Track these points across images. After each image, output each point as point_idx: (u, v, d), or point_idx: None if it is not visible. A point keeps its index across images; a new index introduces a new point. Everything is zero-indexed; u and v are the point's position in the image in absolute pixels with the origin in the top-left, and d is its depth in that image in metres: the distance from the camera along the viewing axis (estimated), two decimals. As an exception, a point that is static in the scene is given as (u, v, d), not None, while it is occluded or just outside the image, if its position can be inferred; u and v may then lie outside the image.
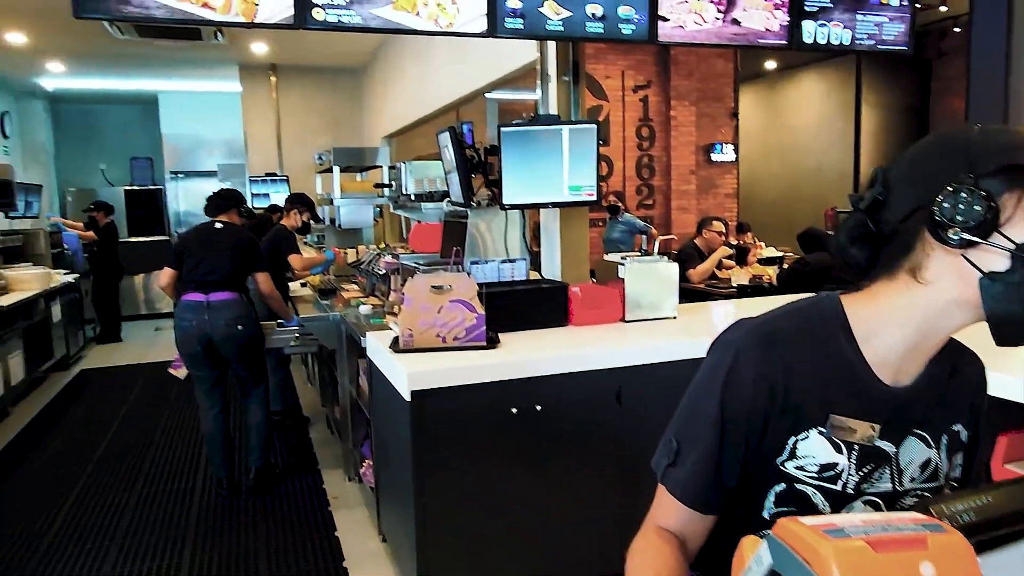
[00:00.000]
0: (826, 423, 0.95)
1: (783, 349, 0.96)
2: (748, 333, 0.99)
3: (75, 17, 2.15)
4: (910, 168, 0.92)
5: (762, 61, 10.94)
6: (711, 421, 0.97)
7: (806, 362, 0.96)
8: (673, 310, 3.16)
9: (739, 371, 0.96)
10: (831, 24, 2.95)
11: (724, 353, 0.98)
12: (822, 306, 1.00)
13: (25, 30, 6.90)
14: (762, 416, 0.95)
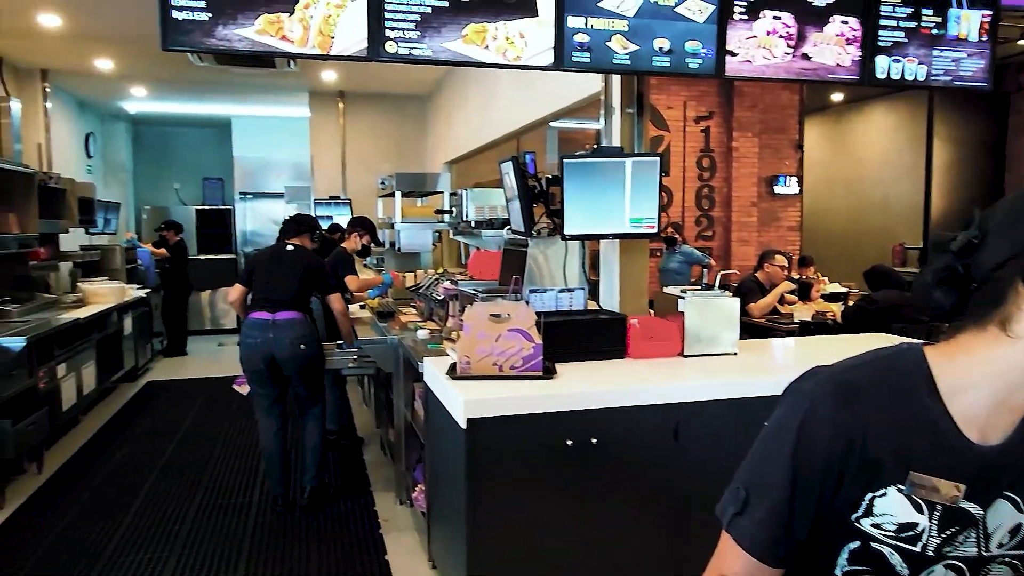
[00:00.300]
0: (906, 481, 0.91)
1: (861, 402, 0.92)
2: (824, 383, 0.95)
3: (163, 50, 2.26)
4: (1006, 215, 0.88)
5: (829, 93, 10.73)
6: (782, 472, 0.93)
7: (885, 416, 0.91)
8: (734, 346, 3.10)
9: (814, 423, 0.92)
10: (905, 60, 2.88)
11: (798, 403, 0.95)
12: (904, 357, 0.94)
13: (113, 57, 7.29)
14: (837, 470, 0.91)
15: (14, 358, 4.17)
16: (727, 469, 1.60)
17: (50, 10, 5.72)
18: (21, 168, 5.84)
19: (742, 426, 2.61)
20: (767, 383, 2.70)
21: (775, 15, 2.72)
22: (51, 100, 8.06)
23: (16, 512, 3.95)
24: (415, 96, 9.59)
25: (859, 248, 10.36)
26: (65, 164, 8.31)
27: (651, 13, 2.61)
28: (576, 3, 2.54)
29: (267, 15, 2.28)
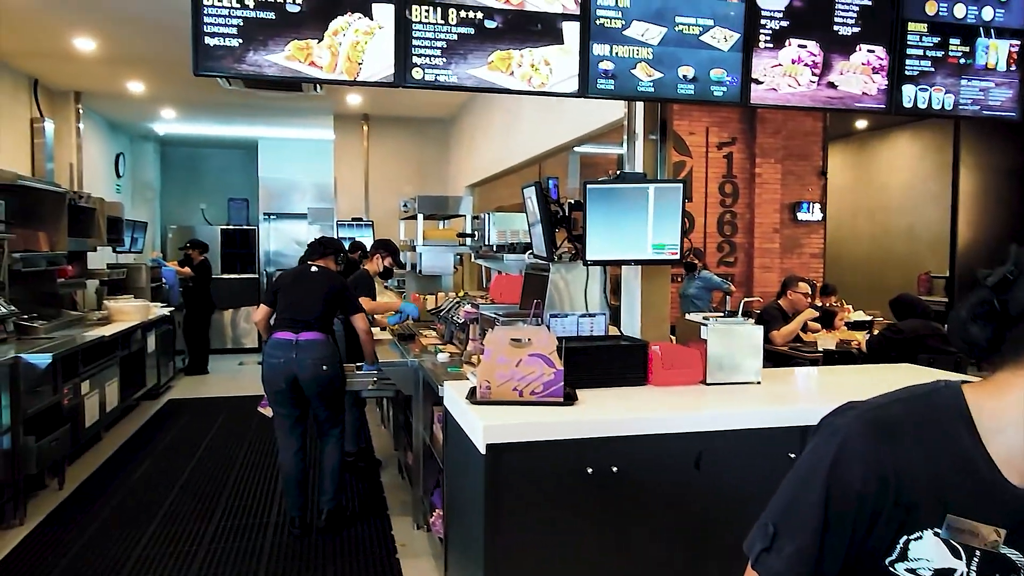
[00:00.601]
0: (943, 524, 0.88)
1: (897, 440, 0.89)
2: (859, 418, 0.92)
3: (194, 74, 2.31)
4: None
5: (853, 120, 10.69)
6: (813, 511, 0.91)
7: (922, 456, 0.89)
8: (757, 375, 3.05)
9: (847, 462, 0.90)
10: (933, 89, 2.86)
11: (830, 440, 0.92)
12: (941, 395, 0.92)
13: (145, 80, 7.46)
14: (870, 510, 0.89)
15: (40, 375, 4.22)
16: (749, 500, 1.58)
17: (85, 34, 5.87)
18: (52, 187, 5.97)
19: (766, 457, 2.58)
20: (791, 413, 2.66)
21: (800, 43, 2.71)
22: (83, 121, 8.24)
23: (37, 528, 3.97)
24: (438, 120, 9.69)
25: (883, 277, 10.24)
26: (95, 183, 8.48)
27: (676, 41, 2.62)
28: (601, 31, 2.56)
29: (297, 41, 2.32)
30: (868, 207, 11.23)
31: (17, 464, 4.00)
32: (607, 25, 2.56)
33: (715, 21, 2.65)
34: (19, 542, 3.78)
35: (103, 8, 5.22)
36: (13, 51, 6.42)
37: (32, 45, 6.18)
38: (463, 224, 6.16)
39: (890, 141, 10.93)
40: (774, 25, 2.69)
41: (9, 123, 6.85)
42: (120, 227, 7.78)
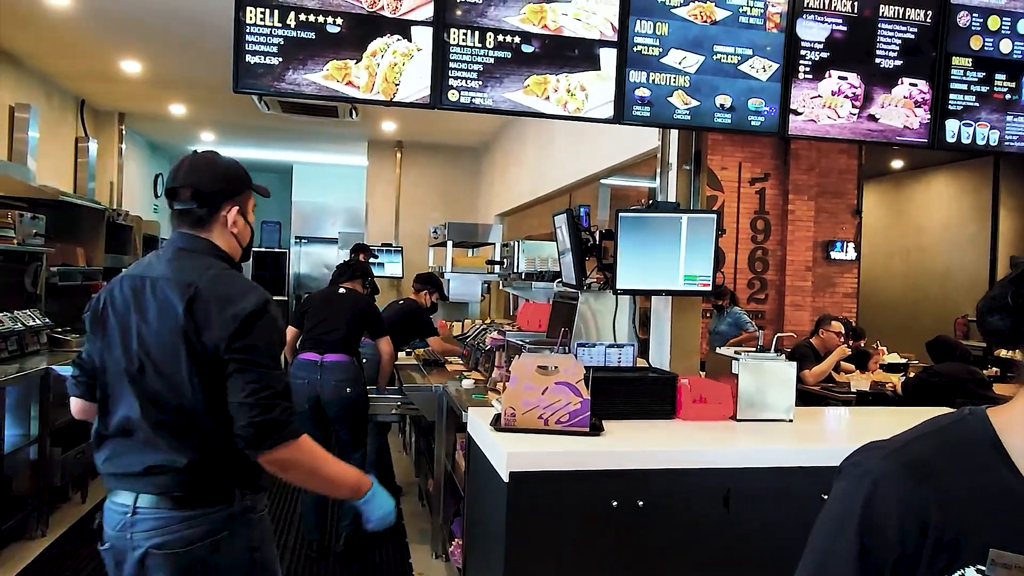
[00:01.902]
0: (986, 560, 0.82)
1: (932, 478, 0.84)
2: (887, 459, 0.87)
3: (234, 92, 2.34)
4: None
5: (888, 159, 10.57)
6: (849, 562, 0.85)
7: (960, 491, 0.84)
8: (789, 412, 2.97)
9: (880, 505, 0.84)
10: (977, 124, 2.80)
11: (859, 482, 0.87)
12: (968, 425, 0.88)
13: (186, 103, 7.65)
14: (911, 555, 0.83)
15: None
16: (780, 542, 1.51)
17: (132, 57, 6.04)
18: (93, 204, 6.10)
19: (797, 497, 2.49)
20: (824, 453, 2.57)
21: (841, 75, 2.68)
22: (125, 142, 8.46)
23: (57, 540, 3.98)
24: (470, 148, 9.77)
25: (917, 319, 10.02)
26: (134, 202, 8.67)
27: (713, 70, 2.60)
28: (638, 58, 2.55)
29: (335, 61, 2.35)
30: (903, 248, 11.05)
31: (42, 475, 4.03)
32: (644, 52, 2.55)
33: (754, 51, 2.63)
34: (39, 554, 3.78)
35: (150, 32, 5.37)
36: (63, 72, 6.63)
37: (81, 67, 6.38)
38: (492, 252, 6.16)
39: (927, 181, 10.78)
40: (814, 56, 2.66)
41: (55, 141, 7.04)
42: (156, 245, 7.93)
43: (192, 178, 1.72)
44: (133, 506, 1.60)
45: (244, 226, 1.81)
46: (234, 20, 2.30)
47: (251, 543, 1.67)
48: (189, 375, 1.59)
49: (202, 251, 1.72)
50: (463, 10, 2.43)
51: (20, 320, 4.44)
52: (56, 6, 4.91)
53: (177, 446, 1.60)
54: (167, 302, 1.62)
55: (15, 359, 4.27)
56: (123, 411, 1.65)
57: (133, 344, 1.64)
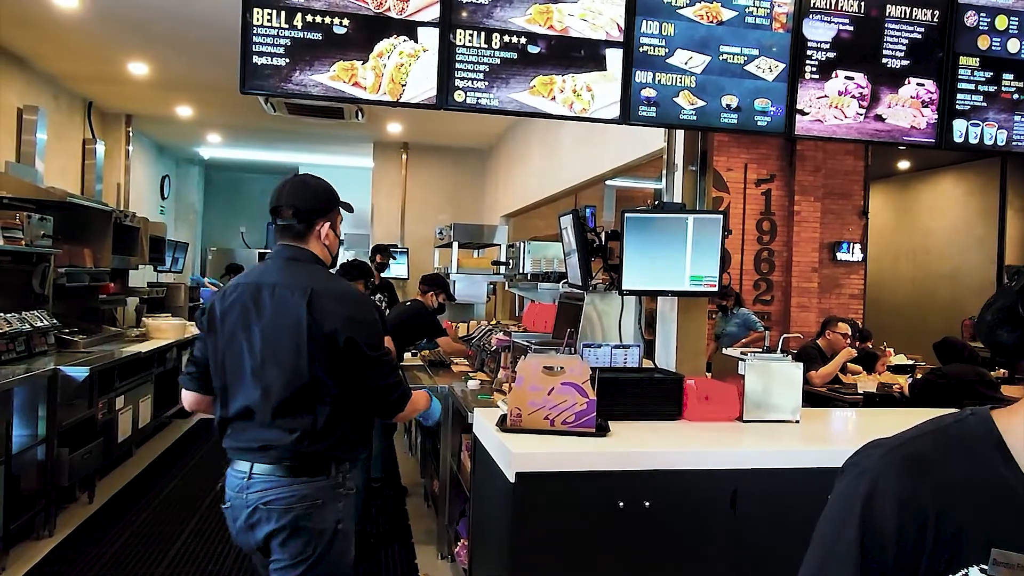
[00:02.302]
0: (988, 559, 0.81)
1: (932, 474, 0.84)
2: (885, 457, 0.87)
3: (241, 92, 2.35)
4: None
5: (895, 161, 10.54)
6: (850, 560, 0.85)
7: (959, 488, 0.83)
8: (795, 413, 2.96)
9: (879, 502, 0.84)
10: (984, 124, 2.79)
11: (858, 480, 0.87)
12: (969, 424, 0.88)
13: (193, 105, 7.67)
14: (910, 552, 0.83)
15: (76, 388, 4.28)
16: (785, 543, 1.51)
17: (139, 59, 6.07)
18: (100, 205, 6.13)
19: (804, 498, 2.47)
20: (831, 454, 2.55)
21: (848, 75, 2.68)
22: (133, 143, 8.49)
23: (65, 540, 3.99)
24: (476, 150, 9.78)
25: (924, 321, 9.98)
26: (141, 204, 8.70)
27: (719, 70, 2.60)
28: (644, 58, 2.55)
29: (342, 62, 2.35)
30: (910, 249, 11.01)
31: (50, 475, 4.04)
32: (650, 53, 2.55)
33: (760, 51, 2.63)
34: (47, 554, 3.80)
35: (157, 34, 5.40)
36: (71, 75, 6.66)
37: (89, 69, 6.41)
38: (498, 253, 6.16)
39: (933, 183, 10.74)
40: (821, 56, 2.66)
41: (63, 143, 7.08)
42: (162, 247, 7.95)
43: (292, 199, 2.02)
44: (249, 472, 1.94)
45: (333, 238, 2.12)
46: (241, 21, 2.31)
47: (338, 514, 1.98)
48: (309, 362, 1.90)
49: (306, 260, 2.03)
50: (469, 11, 2.43)
51: (28, 321, 4.46)
52: (64, 9, 4.94)
53: (288, 426, 1.91)
54: (287, 302, 1.93)
55: (23, 360, 4.29)
56: (243, 399, 1.95)
57: (256, 341, 1.94)
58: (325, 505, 1.95)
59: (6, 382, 3.62)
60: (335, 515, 1.97)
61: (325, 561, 1.96)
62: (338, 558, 2.01)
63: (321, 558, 1.95)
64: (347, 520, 2.01)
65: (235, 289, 2.01)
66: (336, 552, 1.99)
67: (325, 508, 1.95)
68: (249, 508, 1.94)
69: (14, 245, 4.39)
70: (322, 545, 1.95)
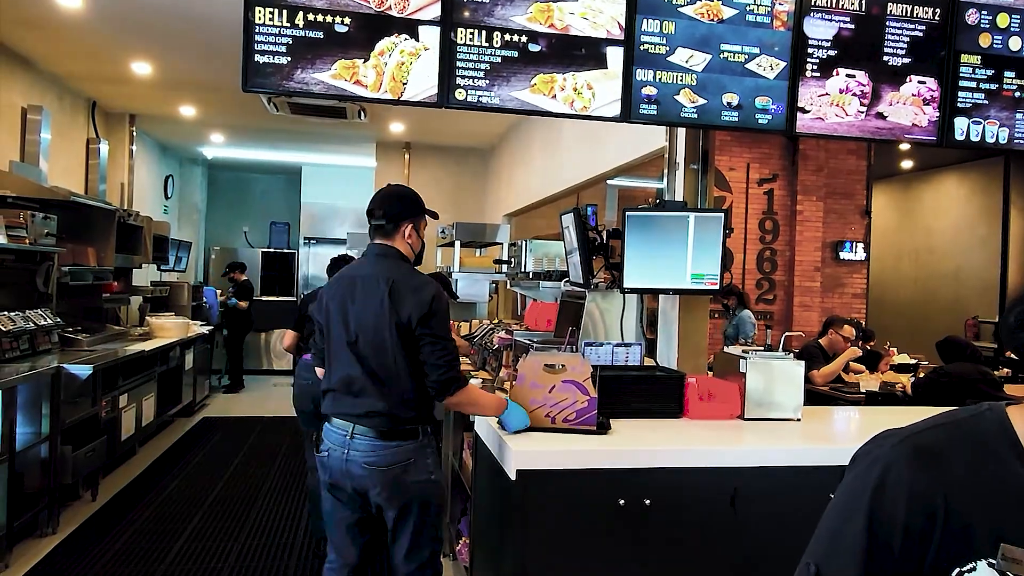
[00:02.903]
0: (997, 554, 0.82)
1: (941, 465, 0.84)
2: (897, 446, 0.88)
3: (243, 91, 2.36)
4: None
5: (897, 160, 10.52)
6: (856, 547, 0.85)
7: (970, 482, 0.83)
8: (797, 412, 2.96)
9: (889, 491, 0.84)
10: (986, 122, 2.79)
11: (869, 470, 0.87)
12: (984, 419, 0.88)
13: (196, 104, 7.69)
14: (918, 541, 0.83)
15: (80, 386, 4.30)
16: (787, 541, 1.51)
17: (142, 59, 6.08)
18: (104, 204, 6.14)
19: (805, 496, 2.48)
20: (833, 452, 2.56)
21: (849, 73, 2.68)
22: (136, 143, 8.51)
23: (68, 537, 4.01)
24: (478, 149, 9.79)
25: (928, 320, 9.97)
26: (144, 203, 8.72)
27: (720, 68, 2.60)
28: (645, 56, 2.56)
29: (343, 61, 2.36)
30: (913, 249, 10.99)
31: (53, 473, 4.06)
32: (651, 51, 2.56)
33: (761, 49, 2.63)
34: (50, 551, 3.81)
35: (160, 34, 5.41)
36: (75, 75, 6.68)
37: (92, 69, 6.42)
38: (499, 252, 6.17)
39: (936, 182, 10.72)
40: (822, 54, 2.66)
41: (67, 143, 7.10)
42: (165, 246, 7.97)
43: (383, 204, 2.39)
44: (351, 432, 2.31)
45: (416, 239, 2.46)
46: (243, 20, 2.32)
47: (429, 468, 2.35)
48: (391, 343, 2.25)
49: (392, 256, 2.39)
50: (470, 9, 2.44)
51: (31, 319, 4.48)
52: (68, 9, 4.95)
53: (381, 395, 2.27)
54: (373, 290, 2.29)
55: (26, 358, 4.31)
56: (342, 370, 2.34)
57: (351, 322, 2.32)
58: (416, 462, 2.31)
59: (10, 380, 3.63)
60: (426, 469, 2.33)
61: (422, 505, 2.34)
62: (431, 502, 2.37)
63: (420, 504, 2.33)
64: (436, 471, 2.38)
65: (338, 281, 2.43)
66: (429, 497, 2.35)
67: (417, 464, 2.31)
68: (349, 463, 2.31)
69: (18, 244, 4.40)
70: (417, 495, 2.32)
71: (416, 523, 2.35)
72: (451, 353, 2.29)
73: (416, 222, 2.44)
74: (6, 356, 4.12)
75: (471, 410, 2.44)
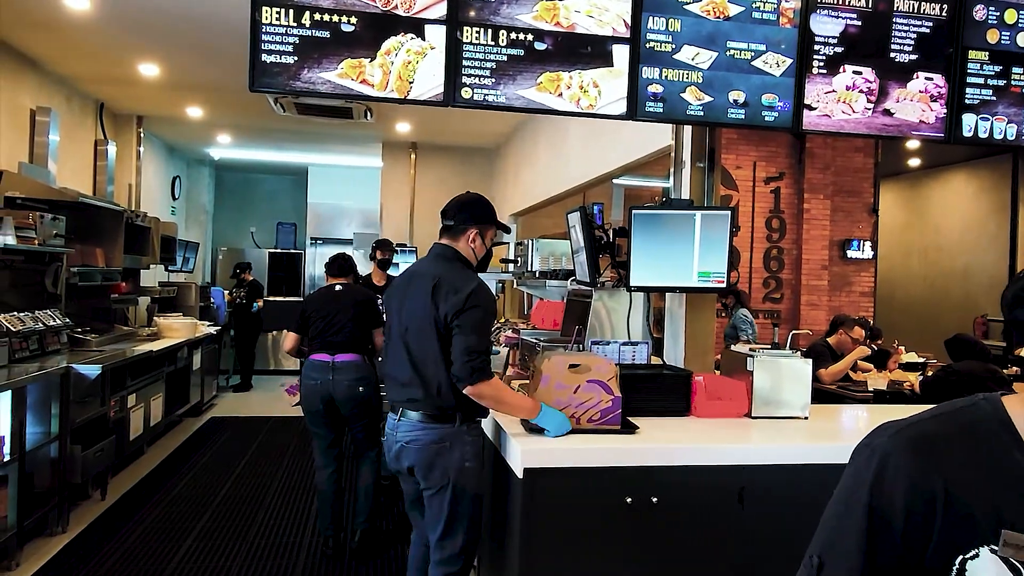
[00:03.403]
0: (999, 541, 0.82)
1: (940, 454, 0.85)
2: (895, 436, 0.88)
3: (250, 90, 2.37)
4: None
5: (905, 158, 10.47)
6: (858, 537, 0.86)
7: (969, 470, 0.84)
8: (804, 410, 2.96)
9: (888, 480, 0.85)
10: (994, 118, 2.78)
11: (868, 460, 0.88)
12: (980, 408, 0.89)
13: (203, 106, 7.72)
14: (920, 530, 0.83)
15: (89, 386, 4.32)
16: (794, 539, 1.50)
17: (149, 60, 6.11)
18: (112, 205, 6.18)
19: (812, 494, 2.47)
20: (840, 450, 2.53)
21: (856, 70, 2.67)
22: (144, 144, 8.55)
23: (78, 536, 4.03)
24: (484, 149, 9.79)
25: (936, 318, 9.92)
26: (152, 204, 8.76)
27: (727, 66, 2.60)
28: (651, 54, 2.55)
29: (350, 60, 2.37)
30: (921, 247, 10.94)
31: (63, 472, 4.08)
32: (657, 49, 2.56)
33: (767, 46, 2.62)
34: (60, 549, 3.83)
35: (168, 35, 5.44)
36: (83, 76, 6.72)
37: (100, 71, 6.46)
38: (506, 251, 6.17)
39: (944, 180, 10.67)
40: (828, 51, 2.65)
41: (76, 144, 7.14)
42: (173, 247, 8.00)
43: (454, 207, 2.57)
44: (399, 417, 2.51)
45: (480, 245, 2.57)
46: (250, 20, 2.33)
47: (464, 455, 2.45)
48: (431, 336, 2.40)
49: (449, 256, 2.53)
50: (476, 8, 2.44)
51: (41, 320, 4.51)
52: (76, 11, 4.98)
53: (421, 384, 2.43)
54: (422, 288, 2.44)
55: (36, 358, 4.33)
56: (394, 359, 2.53)
57: (404, 315, 2.50)
58: (453, 447, 2.43)
59: (20, 380, 3.66)
60: (461, 455, 2.43)
61: (456, 489, 2.43)
62: (466, 488, 2.45)
63: (454, 487, 2.43)
64: (473, 460, 2.46)
65: (401, 277, 2.67)
66: (464, 483, 2.44)
67: (453, 448, 2.43)
68: (397, 444, 2.49)
69: (27, 245, 4.43)
70: (452, 476, 2.42)
71: (449, 508, 2.43)
72: (477, 346, 2.35)
73: (483, 230, 2.56)
74: (16, 356, 4.15)
75: (497, 406, 2.45)
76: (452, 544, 2.46)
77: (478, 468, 2.49)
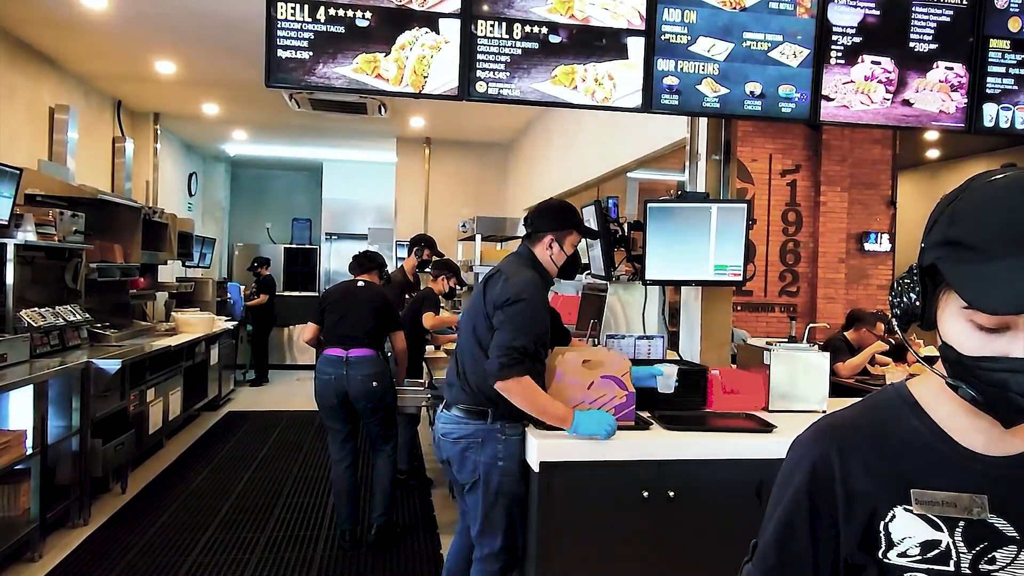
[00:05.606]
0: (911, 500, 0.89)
1: (838, 434, 0.94)
2: (807, 430, 0.99)
3: (266, 86, 2.38)
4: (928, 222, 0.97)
5: (923, 150, 10.35)
6: (777, 520, 0.96)
7: (866, 445, 0.92)
8: (822, 403, 2.94)
9: (797, 467, 0.95)
10: (1016, 108, 2.74)
11: (788, 454, 0.99)
12: (886, 391, 0.99)
13: (219, 102, 7.76)
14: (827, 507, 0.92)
15: (108, 380, 4.37)
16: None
17: (166, 58, 6.15)
18: (130, 202, 6.23)
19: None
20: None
21: (874, 60, 2.64)
22: (160, 141, 8.61)
23: (99, 529, 4.08)
24: (498, 143, 9.79)
25: (956, 311, 9.81)
26: (169, 200, 8.83)
27: (743, 57, 2.57)
28: (666, 46, 2.54)
29: (365, 55, 2.37)
30: (940, 239, 10.81)
31: (84, 466, 4.14)
32: (672, 40, 2.54)
33: (784, 37, 2.60)
34: (82, 541, 3.89)
35: (184, 33, 5.47)
36: (100, 74, 6.78)
37: (117, 68, 6.51)
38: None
39: (963, 171, 10.49)
40: (846, 41, 2.62)
41: (94, 142, 7.20)
42: (190, 242, 8.07)
43: (535, 211, 2.62)
44: (443, 408, 2.58)
45: (559, 252, 2.58)
46: (266, 15, 2.34)
47: (496, 453, 2.44)
48: (481, 329, 2.45)
49: (524, 256, 2.58)
50: (490, 2, 2.44)
51: (61, 315, 4.56)
52: (93, 10, 5.02)
53: (463, 376, 2.50)
54: (482, 284, 2.52)
55: (56, 353, 4.39)
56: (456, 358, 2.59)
57: (466, 311, 2.59)
58: (485, 442, 2.44)
59: (41, 374, 3.70)
60: (493, 451, 2.43)
61: (488, 485, 2.44)
62: (500, 485, 2.44)
63: (485, 483, 2.44)
64: (507, 460, 2.44)
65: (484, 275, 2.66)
66: (497, 479, 2.44)
67: (485, 444, 2.44)
68: (437, 436, 2.57)
69: (47, 241, 4.48)
70: (484, 471, 2.44)
71: (484, 504, 2.45)
72: (511, 341, 2.33)
73: (560, 237, 2.56)
74: (37, 351, 4.20)
75: (526, 406, 2.36)
76: (490, 544, 2.46)
77: (513, 468, 2.45)
